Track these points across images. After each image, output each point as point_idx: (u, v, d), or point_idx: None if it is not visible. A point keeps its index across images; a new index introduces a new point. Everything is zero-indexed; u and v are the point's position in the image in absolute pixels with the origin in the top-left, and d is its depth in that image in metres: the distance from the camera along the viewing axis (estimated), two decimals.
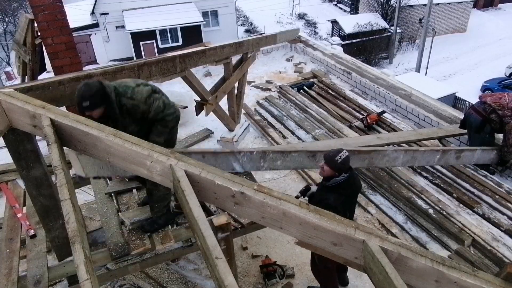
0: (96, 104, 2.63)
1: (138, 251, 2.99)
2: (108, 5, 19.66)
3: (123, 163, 2.30)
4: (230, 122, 6.33)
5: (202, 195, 2.16)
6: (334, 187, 3.09)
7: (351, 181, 3.12)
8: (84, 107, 2.60)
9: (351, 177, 3.12)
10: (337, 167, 3.01)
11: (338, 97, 7.07)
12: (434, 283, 1.90)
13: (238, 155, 3.15)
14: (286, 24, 28.15)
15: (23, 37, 6.32)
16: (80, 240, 1.78)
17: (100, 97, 2.64)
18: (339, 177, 3.06)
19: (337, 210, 2.96)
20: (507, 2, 32.59)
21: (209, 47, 5.20)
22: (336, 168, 3.02)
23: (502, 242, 4.12)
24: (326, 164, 3.05)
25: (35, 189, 2.78)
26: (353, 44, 23.61)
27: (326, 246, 2.03)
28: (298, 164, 3.41)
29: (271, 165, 3.30)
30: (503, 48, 25.73)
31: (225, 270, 1.73)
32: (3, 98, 2.37)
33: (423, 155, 4.04)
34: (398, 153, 3.81)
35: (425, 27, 19.78)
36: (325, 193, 3.12)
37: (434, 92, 12.98)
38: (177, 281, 4.23)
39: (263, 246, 4.58)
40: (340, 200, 3.06)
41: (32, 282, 2.84)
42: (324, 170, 3.09)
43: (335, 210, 2.96)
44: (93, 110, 2.63)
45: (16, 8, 29.12)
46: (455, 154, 4.26)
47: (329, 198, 3.05)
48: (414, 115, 6.38)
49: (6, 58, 26.63)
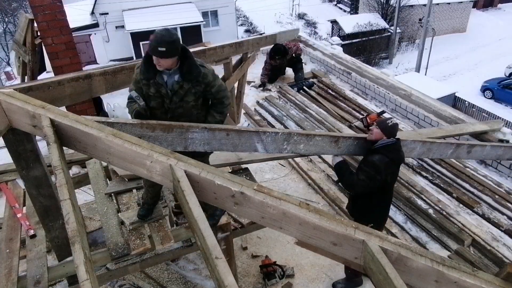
0: (173, 51, 2.53)
1: (138, 251, 2.99)
2: (108, 5, 19.65)
3: (123, 163, 2.30)
4: (230, 122, 6.33)
5: (202, 195, 2.16)
6: (379, 149, 3.24)
7: (397, 147, 3.30)
8: (161, 51, 2.49)
9: (397, 144, 3.30)
10: (387, 129, 3.22)
11: (338, 97, 7.07)
12: (434, 283, 1.90)
13: (263, 135, 3.08)
14: (286, 24, 28.14)
15: (23, 37, 6.32)
16: (80, 240, 1.78)
17: (179, 46, 2.56)
18: (386, 140, 3.24)
19: (379, 170, 3.21)
20: (507, 2, 32.60)
21: (209, 47, 5.19)
22: (386, 130, 3.21)
23: (502, 242, 4.12)
24: (377, 126, 3.26)
25: (35, 189, 2.78)
26: (353, 44, 23.60)
27: (326, 246, 2.03)
28: (320, 149, 3.38)
29: (293, 148, 3.25)
30: (503, 48, 25.75)
31: (225, 270, 1.73)
32: (3, 98, 2.37)
33: (439, 147, 4.05)
34: (415, 143, 3.81)
35: (425, 27, 19.78)
36: (370, 154, 3.28)
37: (434, 92, 13.01)
38: (177, 281, 4.24)
39: (263, 246, 4.58)
40: (384, 162, 3.20)
41: (32, 282, 2.84)
42: (373, 132, 3.26)
43: (378, 169, 3.21)
44: (168, 57, 2.54)
45: (16, 8, 29.10)
46: (467, 149, 4.29)
47: (374, 157, 3.22)
48: (414, 115, 6.38)
49: (6, 58, 26.64)
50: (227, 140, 2.95)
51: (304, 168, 5.62)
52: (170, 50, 2.53)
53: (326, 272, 4.24)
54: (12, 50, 7.20)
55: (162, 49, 2.50)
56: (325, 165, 5.59)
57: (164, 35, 2.51)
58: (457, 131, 5.25)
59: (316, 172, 5.55)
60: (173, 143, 2.79)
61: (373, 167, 3.23)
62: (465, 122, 5.63)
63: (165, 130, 2.74)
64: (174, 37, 2.54)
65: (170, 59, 2.58)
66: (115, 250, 2.96)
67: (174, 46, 2.54)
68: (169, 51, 2.53)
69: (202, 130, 2.83)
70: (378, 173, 3.21)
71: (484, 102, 19.48)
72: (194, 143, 2.86)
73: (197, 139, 2.85)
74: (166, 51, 2.52)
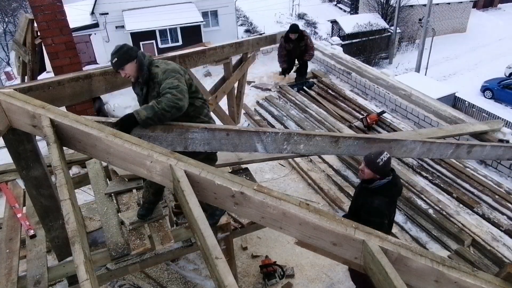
0: (122, 60, 2.68)
1: (138, 251, 2.98)
2: (108, 5, 19.65)
3: (122, 163, 2.30)
4: (230, 122, 6.33)
5: (202, 195, 2.16)
6: (377, 190, 2.97)
7: (394, 183, 3.01)
8: (113, 63, 2.70)
9: (394, 179, 3.00)
10: (379, 170, 2.89)
11: (338, 97, 7.07)
12: (434, 283, 1.90)
13: (263, 135, 3.06)
14: (286, 24, 28.07)
15: (23, 37, 6.32)
16: (80, 240, 1.78)
17: (126, 53, 2.69)
18: (382, 180, 2.95)
19: (382, 213, 2.94)
20: (507, 2, 32.60)
21: (209, 47, 5.20)
22: (378, 171, 2.90)
23: (502, 242, 4.12)
24: (367, 166, 2.94)
25: (35, 189, 2.78)
26: (353, 44, 23.60)
27: (326, 246, 2.03)
28: (320, 149, 3.32)
29: (293, 148, 3.21)
30: (503, 48, 25.75)
31: (225, 270, 1.73)
32: (3, 98, 2.37)
33: (439, 148, 4.04)
34: (416, 144, 3.78)
35: (425, 27, 19.78)
36: (369, 196, 3.01)
37: (434, 92, 13.01)
38: (177, 281, 4.24)
39: (263, 246, 4.58)
40: (385, 203, 2.96)
41: (32, 282, 2.84)
42: (365, 172, 2.97)
43: (381, 213, 2.94)
44: (120, 66, 2.70)
45: (16, 8, 29.12)
46: (467, 149, 4.30)
47: (373, 202, 2.94)
48: (414, 115, 6.38)
49: (6, 58, 26.64)
50: (227, 140, 2.95)
51: (304, 168, 5.63)
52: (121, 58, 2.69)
53: (326, 272, 4.24)
54: (12, 50, 7.21)
55: (114, 60, 2.70)
56: (325, 165, 5.59)
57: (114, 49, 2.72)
58: (457, 131, 5.25)
59: (316, 172, 5.55)
60: (173, 143, 2.79)
61: (377, 214, 2.96)
62: (465, 122, 5.63)
63: (165, 130, 2.75)
64: (120, 46, 2.72)
65: (125, 66, 2.71)
66: (115, 250, 2.96)
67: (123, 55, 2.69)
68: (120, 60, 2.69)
69: (202, 130, 2.83)
70: (384, 218, 3.00)
71: (484, 102, 19.48)
72: (194, 143, 2.86)
73: (197, 139, 2.85)
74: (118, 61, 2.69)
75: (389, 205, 3.03)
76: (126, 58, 2.69)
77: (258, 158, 3.88)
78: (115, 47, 2.74)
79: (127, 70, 2.73)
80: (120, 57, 2.68)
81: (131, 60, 2.70)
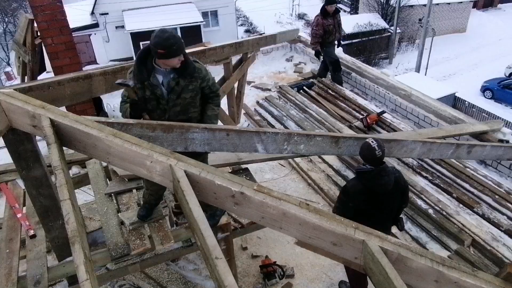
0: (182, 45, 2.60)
1: (138, 251, 2.99)
2: (108, 5, 19.65)
3: (122, 163, 2.30)
4: (230, 122, 6.33)
5: (202, 195, 2.16)
6: (357, 173, 3.07)
7: (376, 176, 2.95)
8: (174, 49, 2.55)
9: (379, 172, 2.94)
10: (360, 154, 3.01)
11: (338, 97, 7.07)
12: (434, 283, 1.90)
13: (263, 135, 3.07)
14: (286, 24, 28.12)
15: (23, 37, 6.32)
16: (79, 240, 1.78)
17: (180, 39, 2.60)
18: (364, 166, 3.01)
19: (348, 193, 3.03)
20: (507, 2, 32.60)
21: (209, 47, 5.19)
22: (360, 155, 3.01)
23: (502, 242, 4.12)
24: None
25: (35, 189, 2.78)
26: (353, 44, 23.60)
27: (326, 246, 2.03)
28: (320, 150, 3.32)
29: (294, 148, 3.22)
30: (502, 48, 25.76)
31: (225, 270, 1.73)
32: (3, 98, 2.37)
33: (439, 148, 4.04)
34: (416, 144, 3.78)
35: (425, 27, 19.78)
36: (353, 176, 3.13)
37: (434, 92, 13.00)
38: (177, 281, 4.24)
39: (263, 246, 4.58)
40: (357, 189, 3.01)
41: (32, 282, 2.84)
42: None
43: (347, 192, 3.04)
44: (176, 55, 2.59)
45: (16, 8, 29.11)
46: (467, 149, 4.30)
47: (349, 181, 3.09)
48: (414, 115, 6.38)
49: (6, 58, 26.66)
50: (227, 141, 2.95)
51: (304, 168, 5.62)
52: (177, 48, 2.58)
53: (326, 272, 4.24)
54: (12, 50, 7.21)
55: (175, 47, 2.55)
56: (325, 165, 5.59)
57: (168, 35, 2.55)
58: (457, 131, 5.25)
59: (316, 172, 5.55)
60: (173, 143, 2.80)
61: (344, 192, 3.08)
62: (465, 122, 5.63)
63: (165, 130, 2.75)
64: (177, 36, 2.60)
65: (176, 58, 2.63)
66: (115, 250, 2.96)
67: (181, 44, 2.60)
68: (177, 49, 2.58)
69: (203, 131, 2.83)
70: (348, 199, 3.04)
71: (484, 102, 19.50)
72: (194, 144, 2.86)
73: (198, 140, 2.85)
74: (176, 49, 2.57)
75: (361, 193, 3.01)
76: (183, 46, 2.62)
77: (258, 158, 3.88)
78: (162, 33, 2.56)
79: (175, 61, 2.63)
80: (180, 42, 2.57)
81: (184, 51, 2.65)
